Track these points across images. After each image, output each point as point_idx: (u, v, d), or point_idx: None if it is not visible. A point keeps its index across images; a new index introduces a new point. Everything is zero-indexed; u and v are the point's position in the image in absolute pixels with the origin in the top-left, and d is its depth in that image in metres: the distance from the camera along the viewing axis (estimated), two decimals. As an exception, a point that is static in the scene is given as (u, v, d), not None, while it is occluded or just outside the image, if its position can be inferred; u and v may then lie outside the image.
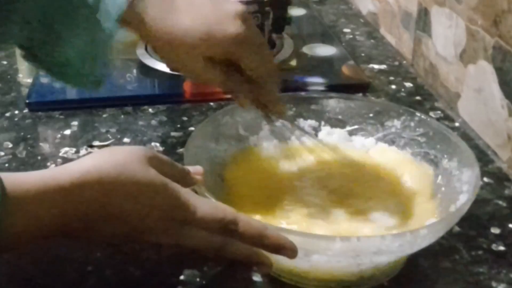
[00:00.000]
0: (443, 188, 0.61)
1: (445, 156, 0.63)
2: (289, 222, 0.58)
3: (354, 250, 0.50)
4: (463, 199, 0.56)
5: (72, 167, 0.49)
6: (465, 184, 0.58)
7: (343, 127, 0.70)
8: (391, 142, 0.68)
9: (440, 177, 0.63)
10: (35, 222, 0.47)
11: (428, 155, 0.65)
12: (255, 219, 0.51)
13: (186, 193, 0.50)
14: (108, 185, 0.48)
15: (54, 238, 0.49)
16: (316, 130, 0.70)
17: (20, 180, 0.47)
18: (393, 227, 0.58)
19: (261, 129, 0.68)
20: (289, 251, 0.50)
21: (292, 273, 0.55)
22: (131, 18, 0.61)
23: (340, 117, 0.70)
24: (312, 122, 0.70)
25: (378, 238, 0.50)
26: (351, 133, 0.70)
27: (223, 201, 0.52)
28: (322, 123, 0.70)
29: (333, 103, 0.70)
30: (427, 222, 0.57)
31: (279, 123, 0.67)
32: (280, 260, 0.52)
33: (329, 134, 0.70)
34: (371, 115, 0.69)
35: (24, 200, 0.46)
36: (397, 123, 0.68)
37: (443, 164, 0.63)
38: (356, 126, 0.70)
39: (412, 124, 0.67)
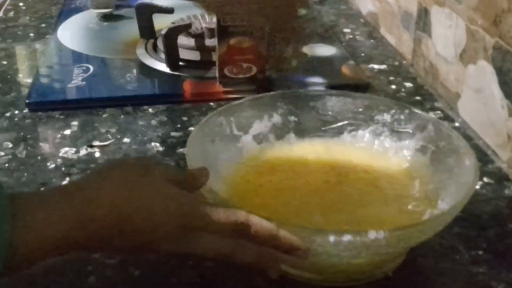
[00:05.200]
0: (440, 179, 0.62)
1: (439, 146, 0.63)
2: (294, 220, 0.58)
3: (364, 245, 0.50)
4: (464, 185, 0.56)
5: (82, 183, 0.49)
6: (465, 172, 0.58)
7: (333, 123, 0.70)
8: (382, 136, 0.68)
9: (435, 168, 0.63)
10: (47, 242, 0.47)
11: (420, 146, 0.65)
12: (267, 221, 0.51)
13: (195, 199, 0.51)
14: (118, 200, 0.48)
15: (67, 254, 0.49)
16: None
17: (29, 201, 0.47)
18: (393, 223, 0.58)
19: (251, 127, 0.68)
20: (301, 252, 0.50)
21: (299, 268, 0.55)
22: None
23: (330, 113, 0.70)
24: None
25: (386, 232, 0.50)
26: (341, 128, 0.70)
27: (224, 204, 0.52)
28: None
29: (324, 100, 0.71)
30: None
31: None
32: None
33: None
34: (361, 109, 0.70)
35: (34, 221, 0.46)
36: (387, 116, 0.68)
37: (437, 155, 0.63)
38: (346, 122, 0.70)
39: (402, 117, 0.67)
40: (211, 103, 0.86)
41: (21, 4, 1.25)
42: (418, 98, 0.89)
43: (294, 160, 0.67)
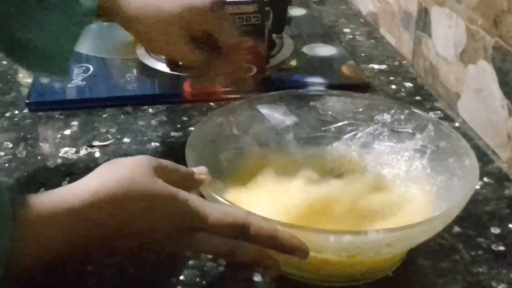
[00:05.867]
0: (440, 179, 0.62)
1: (439, 146, 0.63)
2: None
3: (364, 245, 0.50)
4: (464, 186, 0.56)
5: (80, 188, 0.49)
6: (465, 172, 0.58)
7: (333, 123, 0.70)
8: (382, 136, 0.68)
9: (435, 168, 0.63)
10: (47, 247, 0.47)
11: (420, 146, 0.65)
12: (267, 220, 0.51)
13: (195, 200, 0.51)
14: (117, 203, 0.48)
15: (68, 261, 0.50)
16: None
17: (29, 205, 0.47)
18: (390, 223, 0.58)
19: (251, 127, 0.68)
20: (301, 252, 0.50)
21: (299, 268, 0.55)
22: (108, 2, 0.63)
23: (330, 113, 0.70)
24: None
25: (386, 232, 0.50)
26: (341, 128, 0.70)
27: (224, 204, 0.52)
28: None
29: (324, 100, 0.71)
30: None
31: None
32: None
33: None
34: (361, 109, 0.70)
35: (34, 226, 0.46)
36: (387, 116, 0.68)
37: (437, 155, 0.63)
38: (346, 122, 0.70)
39: (402, 117, 0.67)
40: (211, 103, 0.86)
41: (21, 4, 1.25)
42: (418, 98, 0.89)
43: (294, 161, 0.67)
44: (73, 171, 0.72)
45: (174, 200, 0.50)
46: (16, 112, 0.84)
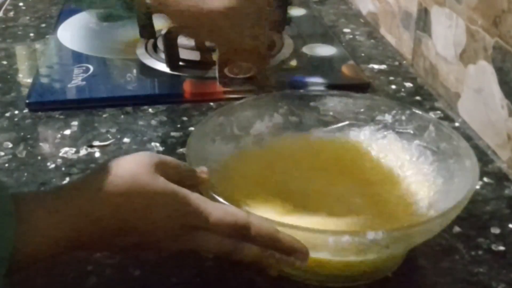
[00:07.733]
0: (440, 179, 0.62)
1: (440, 147, 0.63)
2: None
3: (364, 245, 0.50)
4: (465, 186, 0.56)
5: (81, 184, 0.49)
6: (465, 173, 0.58)
7: (334, 123, 0.70)
8: (383, 137, 0.68)
9: (435, 168, 0.63)
10: (48, 241, 0.47)
11: (421, 147, 0.66)
12: (268, 221, 0.51)
13: (196, 198, 0.51)
14: (119, 199, 0.48)
15: (68, 254, 0.50)
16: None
17: (31, 201, 0.47)
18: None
19: (252, 127, 0.68)
20: (301, 254, 0.50)
21: (298, 269, 0.55)
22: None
23: (331, 113, 0.70)
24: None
25: (385, 232, 0.50)
26: (342, 129, 0.70)
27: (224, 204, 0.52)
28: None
29: (325, 100, 0.71)
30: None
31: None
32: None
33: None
34: (362, 110, 0.70)
35: (36, 221, 0.46)
36: (388, 117, 0.68)
37: (438, 156, 0.63)
38: (347, 122, 0.70)
39: (403, 117, 0.67)
40: (211, 103, 0.86)
41: (21, 4, 1.25)
42: (418, 98, 0.89)
43: (295, 159, 0.67)
44: (73, 171, 0.72)
45: (175, 198, 0.50)
46: (16, 112, 0.84)
